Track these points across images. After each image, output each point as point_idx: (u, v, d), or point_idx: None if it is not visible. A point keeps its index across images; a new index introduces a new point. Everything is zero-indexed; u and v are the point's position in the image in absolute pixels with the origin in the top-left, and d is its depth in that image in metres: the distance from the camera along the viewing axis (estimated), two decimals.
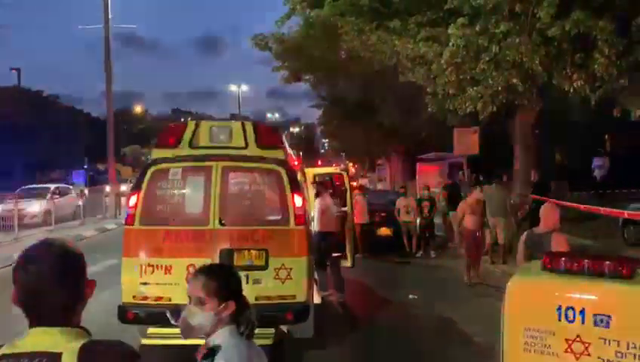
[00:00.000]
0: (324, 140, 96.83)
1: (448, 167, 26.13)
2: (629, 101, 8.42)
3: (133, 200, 6.36)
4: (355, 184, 28.29)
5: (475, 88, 8.63)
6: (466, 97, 8.91)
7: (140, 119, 76.13)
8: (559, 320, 2.46)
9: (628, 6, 7.54)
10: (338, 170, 10.59)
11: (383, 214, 14.91)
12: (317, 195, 9.50)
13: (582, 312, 2.42)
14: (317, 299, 8.02)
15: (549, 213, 5.52)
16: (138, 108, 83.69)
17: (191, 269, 6.22)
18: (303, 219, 6.41)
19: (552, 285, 2.58)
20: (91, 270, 1.77)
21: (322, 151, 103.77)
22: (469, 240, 10.97)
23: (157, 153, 6.57)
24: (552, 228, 5.39)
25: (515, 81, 8.21)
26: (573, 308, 2.38)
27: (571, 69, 8.03)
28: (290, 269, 6.29)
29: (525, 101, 9.94)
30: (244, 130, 6.59)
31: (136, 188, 6.43)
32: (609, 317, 2.36)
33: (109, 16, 23.50)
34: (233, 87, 54.64)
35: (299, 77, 14.95)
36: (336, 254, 9.50)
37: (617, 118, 9.33)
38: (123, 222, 7.21)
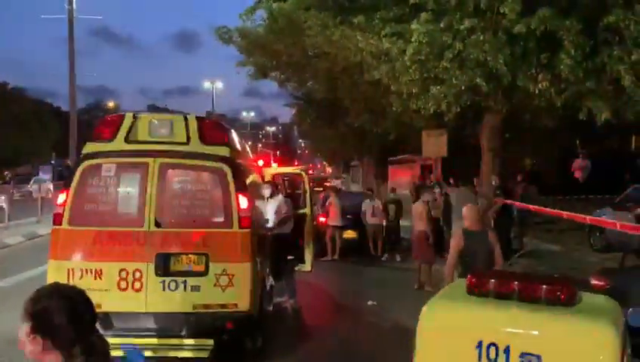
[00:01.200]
0: (301, 140, 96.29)
1: (420, 169, 25.96)
2: (595, 104, 8.16)
3: (61, 198, 5.85)
4: (327, 185, 28.00)
5: (438, 87, 8.29)
6: (429, 97, 8.56)
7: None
8: (479, 360, 1.98)
9: (594, 6, 7.27)
10: (297, 170, 10.14)
11: (348, 217, 14.56)
12: (270, 196, 9.07)
13: (506, 351, 1.94)
14: (269, 307, 7.59)
15: (469, 214, 5.90)
16: (111, 103, 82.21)
17: (123, 274, 5.76)
18: (248, 221, 5.97)
19: (474, 314, 2.09)
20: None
21: (299, 151, 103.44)
22: (416, 242, 10.66)
23: (90, 147, 6.05)
24: (484, 227, 5.72)
25: (479, 80, 7.89)
26: (496, 346, 1.90)
27: (537, 69, 7.73)
28: (233, 275, 5.85)
29: (491, 102, 9.64)
30: (187, 125, 6.12)
31: (67, 185, 5.91)
32: (538, 358, 1.91)
33: (73, 7, 22.82)
34: (207, 85, 53.56)
35: (265, 74, 14.43)
36: (290, 257, 9.08)
37: (586, 122, 9.04)
38: None
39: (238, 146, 6.98)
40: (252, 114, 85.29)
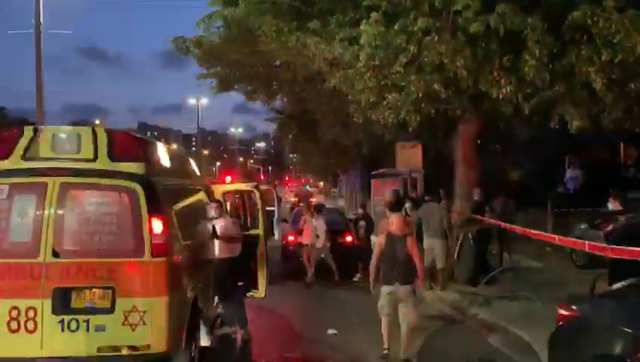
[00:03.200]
0: (291, 155, 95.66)
1: (403, 183, 25.25)
2: (566, 111, 7.47)
3: None
4: (311, 201, 27.10)
5: (393, 95, 7.58)
6: (385, 106, 7.84)
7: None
8: None
9: (559, 1, 6.60)
10: (249, 187, 9.36)
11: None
12: (215, 217, 8.31)
13: None
14: (204, 341, 6.77)
15: (398, 221, 7.05)
16: (97, 122, 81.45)
17: (14, 313, 4.95)
18: (163, 248, 5.19)
19: None
20: None
21: (291, 167, 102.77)
22: None
23: None
24: (405, 233, 6.99)
25: (436, 86, 7.18)
26: None
27: (499, 73, 7.04)
28: (144, 312, 5.05)
29: (458, 111, 8.94)
30: (95, 139, 5.35)
31: None
32: None
33: (41, 22, 22.14)
34: (192, 101, 52.76)
35: (229, 86, 13.70)
36: (240, 283, 8.27)
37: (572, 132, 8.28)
38: None
39: (165, 161, 6.19)
40: (240, 130, 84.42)
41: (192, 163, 8.38)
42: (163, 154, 6.22)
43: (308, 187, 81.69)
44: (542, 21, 6.62)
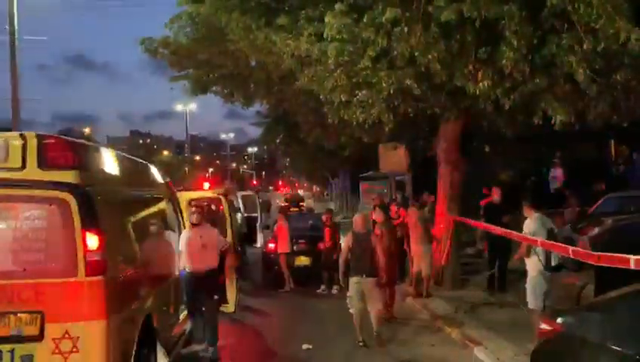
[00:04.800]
0: (286, 160, 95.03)
1: (394, 185, 24.78)
2: (549, 105, 6.97)
3: None
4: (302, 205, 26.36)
5: (363, 92, 7.06)
6: (356, 104, 7.32)
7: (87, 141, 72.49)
8: None
9: None
10: (215, 194, 8.83)
11: (301, 241, 13.23)
12: (194, 225, 7.76)
13: None
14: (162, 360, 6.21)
15: (357, 220, 8.08)
16: (87, 129, 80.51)
17: None
18: (99, 266, 4.64)
19: None
20: None
21: (285, 171, 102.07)
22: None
23: None
24: (367, 229, 8.06)
25: (408, 82, 6.66)
26: None
27: (475, 65, 6.52)
28: (77, 338, 4.50)
29: (437, 110, 8.44)
30: (25, 146, 4.79)
31: None
32: None
33: (15, 28, 21.63)
34: (180, 107, 52.18)
35: (205, 88, 13.12)
36: (215, 297, 7.73)
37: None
38: None
39: (109, 169, 5.62)
40: (232, 135, 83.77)
41: (153, 170, 7.82)
42: (107, 160, 5.66)
43: (302, 191, 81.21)
44: (519, 9, 6.11)
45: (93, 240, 4.65)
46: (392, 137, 14.09)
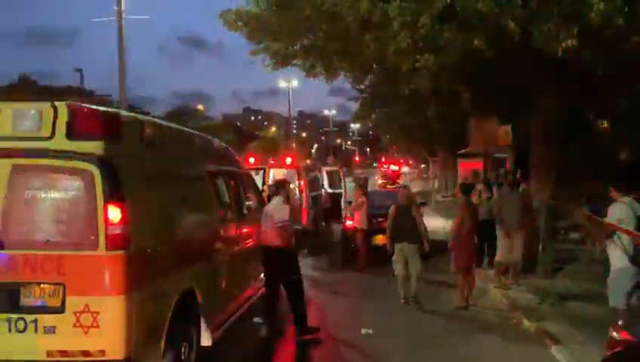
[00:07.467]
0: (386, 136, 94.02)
1: (494, 162, 23.27)
2: None
3: None
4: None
5: (426, 56, 6.30)
6: (421, 68, 6.57)
7: (199, 116, 76.27)
8: None
9: None
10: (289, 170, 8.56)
11: (380, 219, 12.64)
12: (269, 198, 7.65)
13: None
14: (206, 341, 6.03)
15: (401, 194, 9.43)
16: (200, 107, 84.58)
17: None
18: (120, 240, 4.48)
19: None
20: None
21: (388, 149, 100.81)
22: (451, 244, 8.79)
23: None
24: (409, 202, 9.14)
25: (477, 42, 5.82)
26: None
27: (557, 22, 5.52)
28: (97, 313, 4.39)
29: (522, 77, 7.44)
30: (55, 115, 4.72)
31: None
32: None
33: (122, 8, 22.97)
34: (283, 84, 52.75)
35: (287, 62, 12.82)
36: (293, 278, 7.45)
37: None
38: None
39: (145, 140, 5.38)
40: (334, 111, 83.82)
41: (205, 141, 7.56)
42: (146, 132, 5.48)
43: (407, 168, 79.85)
44: None
45: (115, 214, 4.48)
46: (483, 111, 12.97)
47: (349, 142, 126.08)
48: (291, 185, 10.17)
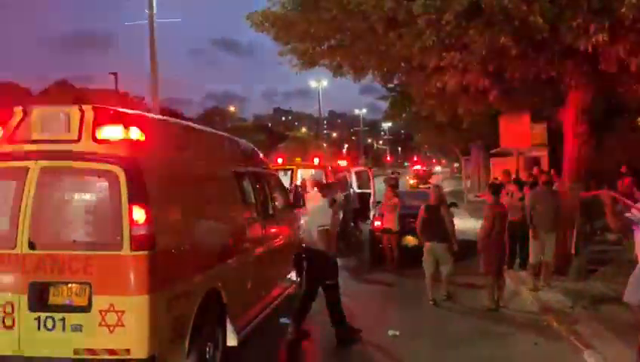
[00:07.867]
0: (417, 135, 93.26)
1: (528, 161, 22.77)
2: None
3: None
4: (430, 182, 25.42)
5: (452, 53, 6.20)
6: (446, 67, 6.48)
7: (231, 117, 77.05)
8: None
9: None
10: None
11: (411, 220, 12.51)
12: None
13: None
14: (231, 341, 6.07)
15: (431, 194, 9.52)
16: (232, 108, 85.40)
17: None
18: (145, 241, 4.55)
19: None
20: None
21: (419, 148, 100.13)
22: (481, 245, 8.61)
23: None
24: (438, 202, 9.15)
25: (503, 40, 5.69)
26: None
27: (586, 16, 5.36)
28: (122, 312, 4.47)
29: (552, 74, 7.26)
30: (82, 118, 4.84)
31: None
32: None
33: (154, 12, 23.28)
34: (313, 84, 52.92)
35: (314, 62, 12.78)
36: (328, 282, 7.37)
37: None
38: None
39: (170, 141, 5.45)
40: (364, 111, 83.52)
41: (238, 143, 7.66)
42: (170, 133, 5.56)
43: (440, 168, 79.04)
44: None
45: (139, 215, 4.55)
46: (516, 109, 12.68)
47: (380, 142, 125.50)
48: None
